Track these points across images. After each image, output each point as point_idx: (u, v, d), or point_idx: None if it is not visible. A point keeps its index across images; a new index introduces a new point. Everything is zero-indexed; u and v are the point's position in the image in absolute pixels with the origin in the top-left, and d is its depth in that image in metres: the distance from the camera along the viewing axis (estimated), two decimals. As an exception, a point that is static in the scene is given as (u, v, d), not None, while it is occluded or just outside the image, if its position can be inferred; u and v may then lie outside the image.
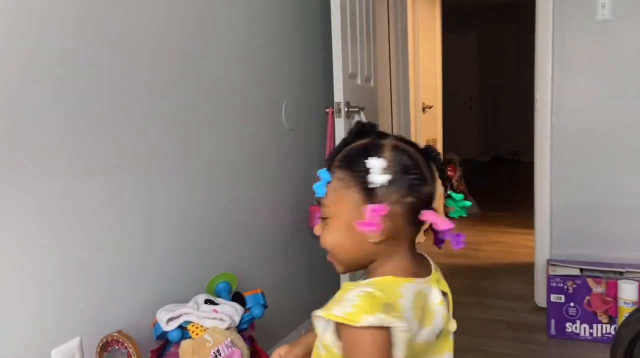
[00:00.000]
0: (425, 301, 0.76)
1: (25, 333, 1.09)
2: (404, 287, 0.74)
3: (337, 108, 2.02)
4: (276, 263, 1.97)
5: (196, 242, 1.58)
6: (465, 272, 2.92)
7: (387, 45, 3.31)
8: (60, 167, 1.16)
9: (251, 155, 1.84)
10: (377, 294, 0.71)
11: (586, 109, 2.28)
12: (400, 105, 3.41)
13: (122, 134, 1.32)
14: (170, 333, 1.27)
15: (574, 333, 2.05)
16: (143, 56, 1.38)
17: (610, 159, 2.23)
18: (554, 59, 2.29)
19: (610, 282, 2.00)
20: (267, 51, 1.93)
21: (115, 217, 1.30)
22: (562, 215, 2.32)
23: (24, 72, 1.08)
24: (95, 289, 1.25)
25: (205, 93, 1.61)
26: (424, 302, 0.76)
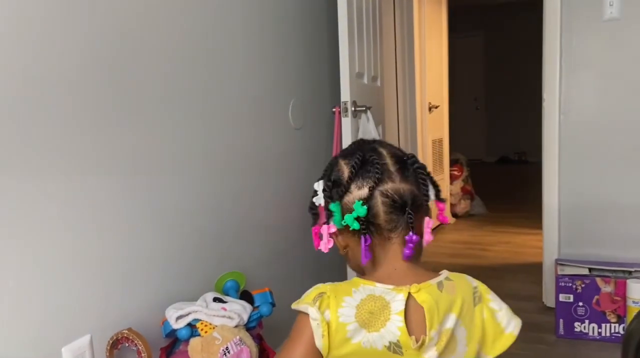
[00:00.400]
0: (379, 306, 0.75)
1: (35, 331, 1.09)
2: (360, 288, 0.78)
3: (344, 107, 2.03)
4: (284, 262, 1.98)
5: (205, 241, 1.59)
6: (473, 272, 2.88)
7: (393, 45, 3.31)
8: (73, 166, 1.17)
9: (258, 154, 1.85)
10: (322, 287, 0.79)
11: (594, 108, 2.27)
12: (407, 105, 3.41)
13: (132, 135, 1.33)
14: (180, 331, 1.28)
15: (583, 333, 2.04)
16: (149, 57, 1.39)
17: (619, 159, 2.22)
18: (562, 58, 2.28)
19: (619, 281, 1.98)
20: (274, 51, 1.93)
21: (125, 216, 1.31)
22: (570, 214, 2.31)
23: (32, 73, 1.08)
24: (106, 287, 1.26)
25: (212, 93, 1.62)
26: (376, 306, 0.75)
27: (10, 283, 1.04)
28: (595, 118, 2.26)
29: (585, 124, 2.28)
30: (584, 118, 2.28)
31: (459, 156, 4.39)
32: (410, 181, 0.78)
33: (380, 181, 0.77)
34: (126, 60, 1.31)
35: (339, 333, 0.75)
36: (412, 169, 0.79)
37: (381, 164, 0.78)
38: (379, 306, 0.75)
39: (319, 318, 0.76)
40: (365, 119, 2.13)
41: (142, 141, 1.36)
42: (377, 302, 0.75)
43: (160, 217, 1.42)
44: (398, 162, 0.79)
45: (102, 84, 1.24)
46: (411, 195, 0.77)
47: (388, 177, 0.78)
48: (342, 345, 0.75)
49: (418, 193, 0.78)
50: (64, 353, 1.14)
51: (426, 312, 0.74)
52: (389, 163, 0.79)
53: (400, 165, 0.79)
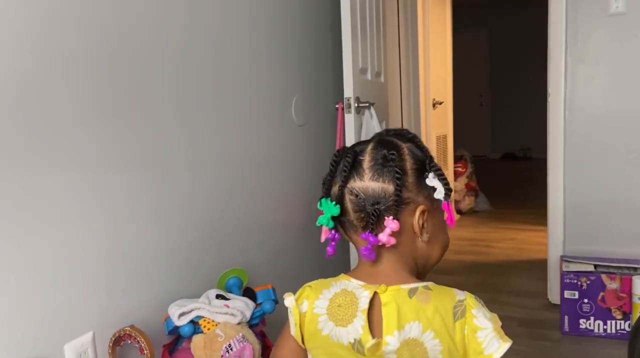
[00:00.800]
0: (348, 301, 0.75)
1: (38, 328, 1.09)
2: (339, 282, 0.80)
3: (347, 103, 2.01)
4: (287, 259, 1.97)
5: (207, 238, 1.58)
6: (477, 268, 2.90)
7: (397, 40, 3.30)
8: (75, 163, 1.16)
9: (261, 151, 1.84)
10: (311, 282, 0.83)
11: (600, 104, 2.25)
12: (411, 101, 3.40)
13: (135, 133, 1.32)
14: (182, 328, 1.27)
15: (588, 329, 2.03)
16: (153, 53, 1.38)
17: (625, 155, 2.20)
18: (567, 53, 2.26)
19: (625, 278, 1.97)
20: (277, 46, 1.93)
21: (128, 213, 1.31)
22: (575, 211, 2.30)
23: (42, 68, 1.08)
24: (108, 285, 1.26)
25: (215, 91, 1.61)
26: (345, 301, 0.75)
27: (13, 280, 1.04)
28: (601, 113, 2.24)
29: (590, 120, 2.26)
30: (590, 113, 2.26)
31: (463, 152, 4.37)
32: (385, 179, 0.74)
33: (347, 178, 0.76)
34: (132, 58, 1.30)
35: (312, 324, 0.78)
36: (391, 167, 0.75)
37: (351, 162, 0.76)
38: (348, 301, 0.75)
39: (291, 306, 0.80)
40: (369, 115, 2.12)
41: (144, 140, 1.36)
42: (347, 297, 0.76)
43: (163, 214, 1.42)
44: (376, 159, 0.76)
45: (108, 82, 1.23)
46: (382, 194, 0.74)
47: (357, 175, 0.76)
48: (314, 336, 0.77)
49: (393, 192, 0.74)
50: (66, 350, 1.14)
51: (384, 315, 0.72)
52: (366, 159, 0.76)
53: (376, 162, 0.75)
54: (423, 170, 0.77)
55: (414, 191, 0.76)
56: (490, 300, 2.38)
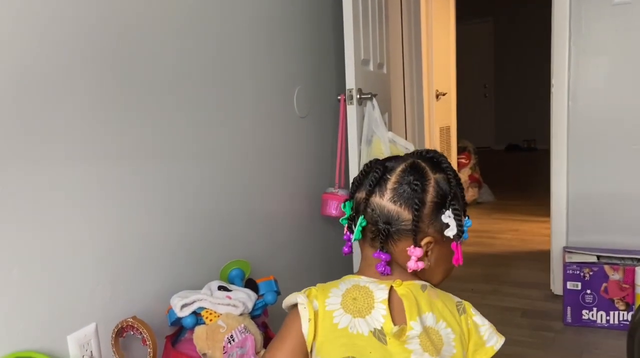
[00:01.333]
0: (363, 294, 0.79)
1: (41, 320, 1.10)
2: (346, 280, 0.83)
3: (349, 95, 2.01)
4: (289, 250, 1.98)
5: (209, 229, 1.59)
6: (481, 260, 2.90)
7: (399, 31, 3.27)
8: (77, 154, 1.17)
9: (263, 143, 1.84)
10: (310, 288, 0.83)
11: (604, 94, 2.23)
12: (414, 92, 3.38)
13: (138, 125, 1.32)
14: (185, 319, 1.28)
15: (591, 320, 2.03)
16: (155, 47, 1.38)
17: (628, 145, 2.19)
18: (571, 43, 2.24)
19: (628, 268, 1.97)
20: (279, 38, 1.92)
21: (130, 205, 1.31)
22: (578, 202, 2.29)
23: (46, 60, 1.08)
24: (111, 276, 1.26)
25: (217, 82, 1.61)
26: (360, 294, 0.79)
27: (15, 272, 1.05)
28: (604, 104, 2.23)
29: (594, 110, 2.24)
30: (593, 104, 2.24)
31: (466, 144, 4.36)
32: (403, 204, 0.78)
33: (371, 193, 0.80)
34: (136, 50, 1.30)
35: (326, 320, 0.78)
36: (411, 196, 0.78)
37: (378, 178, 0.80)
38: (363, 294, 0.79)
39: (305, 302, 0.79)
40: (371, 106, 2.12)
41: (146, 133, 1.36)
42: (361, 291, 0.79)
43: (165, 206, 1.42)
44: (401, 184, 0.79)
45: (112, 74, 1.23)
46: (395, 217, 0.78)
47: (379, 192, 0.80)
48: (330, 332, 0.78)
49: (409, 217, 0.78)
50: (69, 341, 1.15)
51: (405, 303, 0.77)
52: (392, 180, 0.80)
53: (400, 187, 0.79)
54: (442, 206, 0.80)
55: (426, 222, 0.79)
56: (493, 291, 2.40)
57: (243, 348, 1.24)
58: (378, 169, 0.81)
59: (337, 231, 2.22)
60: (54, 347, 1.12)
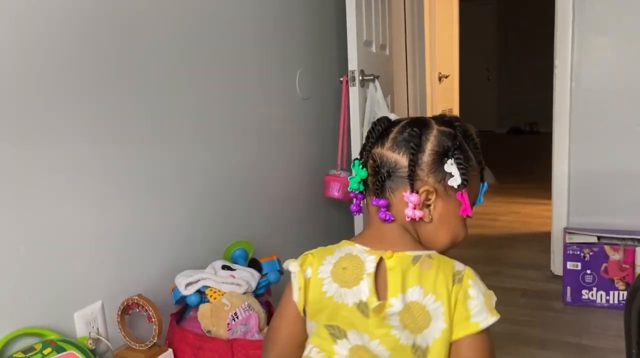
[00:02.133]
0: (354, 264, 0.78)
1: (48, 297, 1.12)
2: (342, 248, 0.82)
3: (351, 76, 2.01)
4: (292, 231, 1.99)
5: (214, 210, 1.60)
6: (482, 241, 2.91)
7: (402, 13, 3.25)
8: (86, 134, 1.17)
9: (266, 125, 1.84)
10: (311, 251, 0.83)
11: (607, 74, 2.22)
12: (416, 74, 3.37)
13: (141, 106, 1.33)
14: (189, 297, 1.30)
15: (590, 300, 2.04)
16: (157, 30, 1.38)
17: (631, 126, 2.19)
18: (574, 22, 2.22)
19: (628, 249, 1.98)
20: (281, 20, 1.91)
21: (136, 185, 1.32)
22: (580, 183, 2.29)
23: (65, 43, 1.08)
24: (117, 255, 1.28)
25: (218, 64, 1.61)
26: (351, 264, 0.78)
27: (22, 250, 1.06)
28: (607, 85, 2.22)
29: (597, 91, 2.23)
30: (596, 85, 2.23)
31: (469, 126, 4.35)
32: (401, 152, 0.77)
33: (373, 144, 0.80)
34: (138, 33, 1.30)
35: (316, 288, 0.79)
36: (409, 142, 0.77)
37: (381, 130, 0.80)
38: (354, 264, 0.78)
39: (297, 271, 0.81)
40: (373, 88, 2.11)
41: (151, 114, 1.36)
42: (352, 261, 0.78)
43: (170, 186, 1.43)
44: (402, 133, 0.78)
45: (121, 54, 1.23)
46: (393, 164, 0.77)
47: (381, 142, 0.79)
48: (319, 300, 0.79)
49: (405, 164, 0.76)
50: (76, 318, 1.17)
51: (389, 278, 0.75)
52: (394, 131, 0.79)
53: (399, 135, 0.78)
54: (444, 155, 0.77)
55: (425, 171, 0.76)
56: (494, 273, 2.42)
57: (247, 325, 1.26)
58: (382, 123, 0.81)
59: (339, 212, 2.23)
60: (61, 324, 1.14)
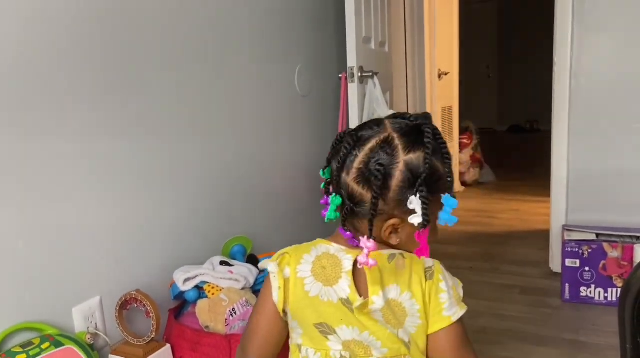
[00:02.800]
0: (332, 263, 0.78)
1: (47, 292, 1.12)
2: (318, 246, 0.82)
3: (350, 73, 2.00)
4: (290, 228, 2.00)
5: (212, 206, 1.60)
6: (480, 239, 2.91)
7: (402, 9, 3.25)
8: (83, 129, 1.18)
9: (265, 121, 1.84)
10: (286, 249, 0.83)
11: (607, 71, 2.22)
12: (416, 71, 3.37)
13: (141, 99, 1.33)
14: (187, 293, 1.30)
15: (589, 297, 2.05)
16: (158, 25, 1.38)
17: (630, 123, 2.19)
18: (574, 20, 2.22)
19: (627, 246, 1.98)
20: (279, 15, 1.91)
21: (135, 180, 1.33)
22: (579, 180, 2.29)
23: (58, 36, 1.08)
24: (115, 250, 1.28)
25: (217, 59, 1.61)
26: (329, 263, 0.78)
27: (21, 244, 1.06)
28: (607, 82, 2.22)
29: (596, 89, 2.23)
30: (596, 82, 2.23)
31: (468, 124, 4.35)
32: (365, 186, 0.74)
33: (340, 170, 0.76)
34: (139, 27, 1.30)
35: (297, 287, 0.79)
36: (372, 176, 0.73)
37: (347, 154, 0.76)
38: (332, 263, 0.78)
39: (276, 271, 0.81)
40: (372, 84, 2.11)
41: (151, 108, 1.36)
42: (330, 259, 0.79)
43: (169, 183, 1.43)
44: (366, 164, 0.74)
45: (119, 49, 1.24)
46: (359, 198, 0.74)
47: (346, 168, 0.76)
48: (302, 299, 0.79)
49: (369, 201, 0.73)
50: (74, 313, 1.17)
51: (368, 276, 0.75)
52: (359, 158, 0.75)
53: (365, 167, 0.74)
54: (411, 191, 0.73)
55: (391, 205, 0.74)
56: (492, 270, 2.42)
57: (245, 321, 1.26)
58: (348, 144, 0.75)
59: (338, 209, 2.23)
60: (59, 318, 1.14)
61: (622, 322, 0.69)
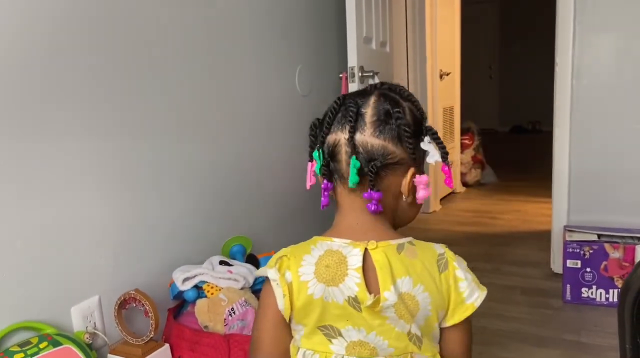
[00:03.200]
0: (335, 261, 0.74)
1: (45, 291, 1.12)
2: (318, 244, 0.77)
3: (351, 73, 2.00)
4: (290, 227, 1.99)
5: (212, 206, 1.60)
6: (482, 239, 2.91)
7: (403, 9, 3.25)
8: (82, 129, 1.17)
9: (265, 121, 1.84)
10: (283, 251, 0.78)
11: (608, 72, 2.21)
12: (417, 72, 3.36)
13: (138, 100, 1.33)
14: (186, 292, 1.30)
15: (590, 298, 2.04)
16: (158, 25, 1.37)
17: (631, 124, 2.18)
18: (576, 20, 2.22)
19: (628, 247, 1.97)
20: (280, 15, 1.91)
21: (134, 180, 1.32)
22: (580, 181, 2.29)
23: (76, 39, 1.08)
24: (114, 250, 1.28)
25: (218, 60, 1.60)
26: (332, 261, 0.74)
27: (19, 244, 1.06)
28: (608, 83, 2.21)
29: (598, 89, 2.23)
30: (597, 83, 2.23)
31: (470, 124, 4.34)
32: (386, 137, 0.72)
33: (354, 130, 0.73)
34: (137, 29, 1.30)
35: (301, 292, 0.75)
36: (394, 125, 0.73)
37: (355, 112, 0.73)
38: (335, 260, 0.74)
39: (277, 277, 0.75)
40: (373, 84, 2.11)
41: (150, 108, 1.36)
42: (333, 257, 0.74)
43: (168, 181, 1.43)
44: (379, 114, 0.73)
45: (124, 50, 1.23)
46: (381, 151, 0.72)
47: (360, 128, 0.73)
48: (307, 303, 0.75)
49: (394, 150, 0.72)
50: (73, 313, 1.17)
51: (378, 272, 0.72)
52: (369, 113, 0.73)
53: (379, 118, 0.73)
54: (419, 133, 0.74)
55: (410, 151, 0.74)
56: (493, 270, 2.41)
57: (244, 320, 1.26)
58: (351, 104, 0.74)
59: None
60: (58, 318, 1.14)
61: (622, 322, 0.68)
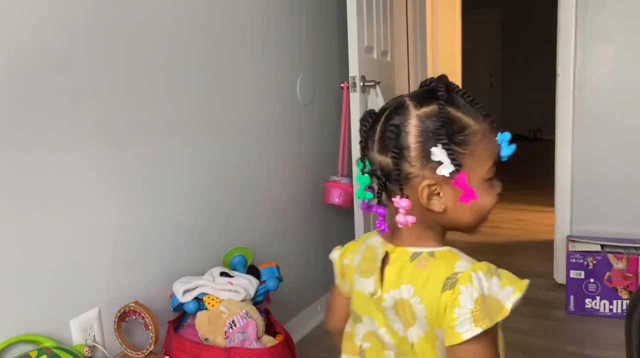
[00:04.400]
0: (371, 255, 0.81)
1: (44, 304, 1.11)
2: (368, 238, 0.85)
3: (352, 82, 2.00)
4: (291, 238, 1.98)
5: (213, 216, 1.59)
6: (484, 249, 2.89)
7: (404, 19, 3.25)
8: (79, 139, 1.17)
9: (267, 130, 1.84)
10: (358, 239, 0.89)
11: (610, 82, 2.21)
12: (418, 81, 3.35)
13: (138, 110, 1.32)
14: (187, 304, 1.29)
15: (594, 309, 2.02)
16: (162, 36, 1.37)
17: (633, 133, 2.17)
18: (577, 31, 2.22)
19: (632, 257, 1.96)
20: (282, 24, 1.91)
21: (134, 191, 1.32)
22: (583, 190, 2.28)
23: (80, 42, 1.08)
24: (114, 261, 1.27)
25: (219, 69, 1.60)
26: (369, 255, 0.81)
27: (18, 255, 1.05)
28: (610, 93, 2.21)
29: (599, 99, 2.22)
30: (599, 93, 2.22)
31: (471, 133, 4.34)
32: (388, 153, 0.72)
33: (365, 147, 0.77)
34: (141, 37, 1.30)
35: (350, 275, 0.85)
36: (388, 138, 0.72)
37: (367, 130, 0.76)
38: (371, 255, 0.81)
39: (335, 259, 0.89)
40: (374, 94, 2.11)
41: (149, 118, 1.36)
42: (370, 251, 0.81)
43: (168, 192, 1.42)
44: (383, 131, 0.73)
45: (129, 54, 1.23)
46: (386, 168, 0.72)
47: (371, 144, 0.75)
48: (352, 286, 0.85)
49: (399, 165, 0.71)
50: (72, 325, 1.16)
51: (385, 274, 0.77)
52: (378, 129, 0.74)
53: (383, 135, 0.73)
54: (432, 143, 0.70)
55: (417, 166, 0.71)
56: (495, 280, 2.39)
57: (245, 333, 1.25)
58: (367, 121, 0.76)
59: (339, 218, 2.22)
60: (57, 330, 1.13)
61: (629, 337, 0.67)
